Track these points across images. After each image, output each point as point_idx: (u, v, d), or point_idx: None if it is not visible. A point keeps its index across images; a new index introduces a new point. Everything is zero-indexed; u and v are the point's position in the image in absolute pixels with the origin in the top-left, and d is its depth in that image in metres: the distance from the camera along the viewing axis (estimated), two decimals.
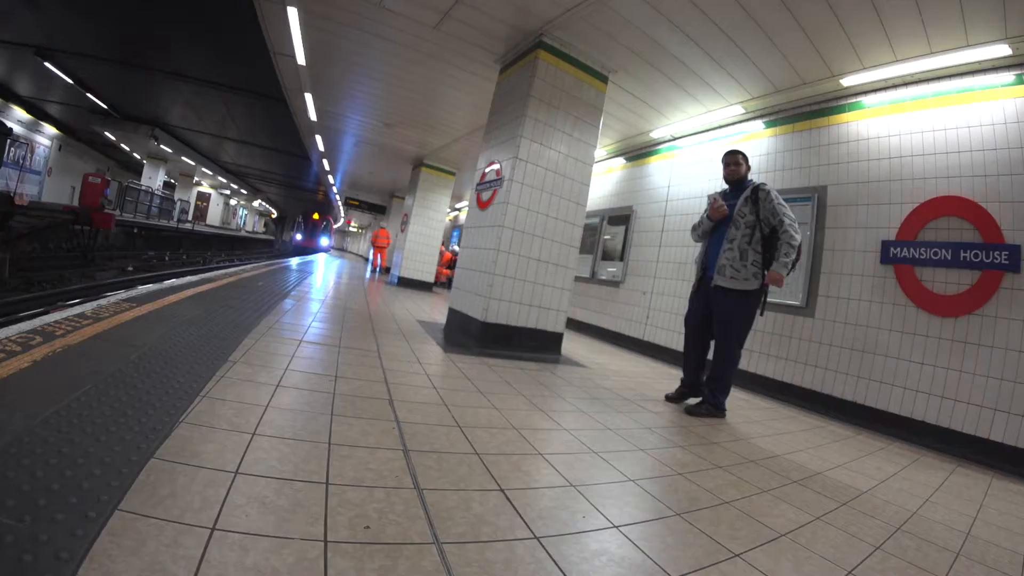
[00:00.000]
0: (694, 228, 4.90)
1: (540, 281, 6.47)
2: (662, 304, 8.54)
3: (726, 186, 4.87)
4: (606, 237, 10.37)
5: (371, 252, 23.92)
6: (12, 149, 21.02)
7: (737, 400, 5.62)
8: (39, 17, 13.42)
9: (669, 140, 9.19)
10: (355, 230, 62.84)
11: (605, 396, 4.69)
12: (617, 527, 2.07)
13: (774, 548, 2.14)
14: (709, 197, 4.80)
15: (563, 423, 3.52)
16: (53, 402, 2.24)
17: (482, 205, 6.82)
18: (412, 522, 1.81)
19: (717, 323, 4.56)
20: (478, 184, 7.09)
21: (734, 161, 4.73)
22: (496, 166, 6.67)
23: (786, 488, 2.96)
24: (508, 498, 2.15)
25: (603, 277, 10.18)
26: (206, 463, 1.99)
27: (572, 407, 4.05)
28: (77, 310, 4.07)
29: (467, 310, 6.63)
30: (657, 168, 9.47)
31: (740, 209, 4.47)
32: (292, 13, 7.21)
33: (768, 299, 4.67)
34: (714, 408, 4.52)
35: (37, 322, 3.50)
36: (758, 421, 4.81)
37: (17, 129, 22.30)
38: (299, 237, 45.09)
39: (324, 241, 46.70)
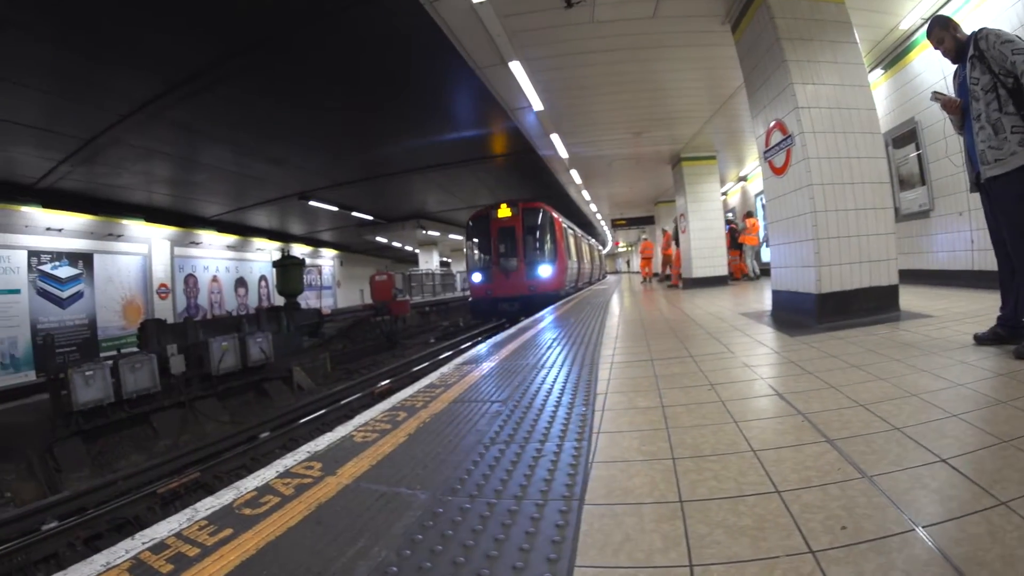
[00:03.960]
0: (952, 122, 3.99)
1: (862, 232, 5.87)
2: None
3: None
4: (897, 163, 9.07)
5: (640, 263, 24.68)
6: (306, 276, 25.33)
7: None
8: (292, 172, 16.36)
9: (922, 25, 7.69)
10: (624, 249, 63.36)
11: (970, 342, 3.98)
12: None
13: None
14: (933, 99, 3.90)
15: (955, 378, 3.12)
16: (452, 469, 2.37)
17: (778, 171, 6.44)
18: (882, 512, 1.70)
19: (1004, 227, 3.59)
20: (765, 152, 6.70)
21: (936, 39, 3.80)
22: (779, 124, 6.28)
23: None
24: (955, 468, 1.95)
25: (907, 211, 8.91)
26: (644, 498, 1.98)
27: (951, 359, 3.57)
28: (425, 382, 4.52)
29: (796, 287, 6.28)
30: (922, 64, 8.03)
31: (970, 76, 3.54)
32: (516, 67, 7.61)
33: None
34: None
35: (395, 399, 3.92)
36: None
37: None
38: (478, 278, 18.46)
39: (545, 270, 17.71)
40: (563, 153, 13.16)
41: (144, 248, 19.44)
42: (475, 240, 18.37)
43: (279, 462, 2.65)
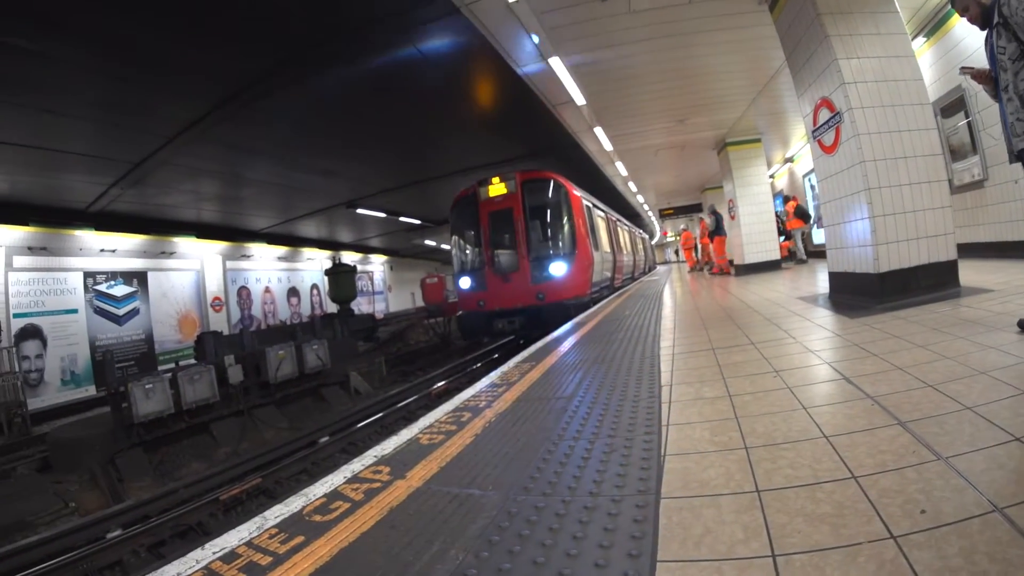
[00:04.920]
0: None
1: (918, 207, 5.73)
2: None
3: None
4: (947, 133, 8.78)
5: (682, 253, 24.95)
6: (358, 282, 25.87)
7: None
8: (338, 181, 16.56)
9: None
10: (672, 239, 62.73)
11: None
12: None
13: None
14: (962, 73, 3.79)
15: None
16: (522, 467, 2.38)
17: (828, 150, 6.33)
18: (960, 494, 1.69)
19: None
20: (813, 131, 6.59)
21: (961, 7, 3.59)
22: (825, 102, 6.18)
23: None
24: None
25: (960, 182, 8.65)
26: (721, 489, 1.97)
27: (1017, 334, 3.48)
28: (486, 381, 4.54)
29: (853, 267, 6.17)
30: (963, 29, 7.71)
31: (996, 45, 3.30)
32: (556, 62, 7.63)
33: None
34: None
35: (458, 400, 3.94)
36: None
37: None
38: (466, 284, 12.29)
39: (558, 268, 11.26)
40: (608, 146, 13.10)
41: (197, 264, 20.01)
42: (460, 232, 12.87)
43: (346, 467, 2.67)
